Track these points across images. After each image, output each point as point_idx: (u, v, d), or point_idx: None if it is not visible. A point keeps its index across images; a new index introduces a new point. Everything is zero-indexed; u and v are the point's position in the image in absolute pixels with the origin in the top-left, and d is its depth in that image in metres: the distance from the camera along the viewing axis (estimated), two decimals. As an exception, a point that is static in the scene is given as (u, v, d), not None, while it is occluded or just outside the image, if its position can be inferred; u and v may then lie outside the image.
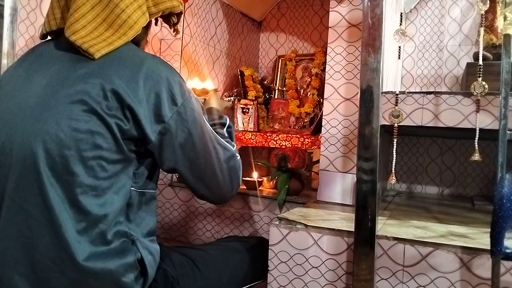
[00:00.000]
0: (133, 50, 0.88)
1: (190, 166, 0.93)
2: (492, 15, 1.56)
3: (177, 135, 0.87)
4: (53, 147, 0.78)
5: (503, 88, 0.92)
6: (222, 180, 0.98)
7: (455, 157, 1.91)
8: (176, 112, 0.86)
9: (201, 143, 0.92)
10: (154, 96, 0.83)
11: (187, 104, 0.89)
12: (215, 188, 0.98)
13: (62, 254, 0.77)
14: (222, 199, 1.04)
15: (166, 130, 0.86)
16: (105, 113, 0.79)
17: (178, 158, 0.90)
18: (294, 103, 2.18)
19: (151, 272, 0.89)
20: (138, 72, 0.83)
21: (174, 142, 0.88)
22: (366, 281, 1.00)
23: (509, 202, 0.76)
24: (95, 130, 0.79)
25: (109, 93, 0.80)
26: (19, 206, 0.78)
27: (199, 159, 0.93)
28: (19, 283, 0.78)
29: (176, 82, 0.87)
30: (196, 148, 0.91)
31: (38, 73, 0.85)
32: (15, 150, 0.80)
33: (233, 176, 1.01)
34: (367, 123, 1.01)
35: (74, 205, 0.78)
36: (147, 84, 0.83)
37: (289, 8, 2.40)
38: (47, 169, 0.78)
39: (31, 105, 0.82)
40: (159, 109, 0.84)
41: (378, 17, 1.01)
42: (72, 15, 0.83)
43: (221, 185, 0.99)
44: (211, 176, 0.96)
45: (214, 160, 0.96)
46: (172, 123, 0.86)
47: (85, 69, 0.82)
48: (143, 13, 0.89)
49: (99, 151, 0.79)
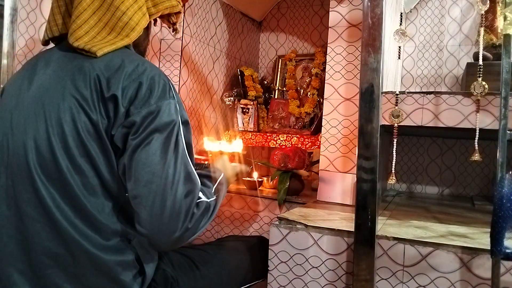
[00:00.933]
0: (128, 52, 0.88)
1: (138, 171, 0.79)
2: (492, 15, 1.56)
3: (138, 131, 0.80)
4: (43, 144, 0.79)
5: (503, 88, 0.92)
6: (166, 206, 0.79)
7: (455, 157, 1.91)
8: (147, 109, 0.80)
9: (160, 150, 0.80)
10: (133, 90, 0.81)
11: (163, 106, 0.82)
12: (154, 213, 0.79)
13: (60, 249, 0.78)
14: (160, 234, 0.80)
15: (130, 124, 0.80)
16: (92, 110, 0.80)
17: (131, 157, 0.80)
18: (294, 103, 2.18)
19: (149, 271, 0.89)
20: (125, 67, 0.82)
21: (133, 138, 0.80)
22: (366, 281, 1.00)
23: (509, 202, 0.76)
24: (82, 127, 0.79)
25: (93, 82, 0.80)
26: (15, 204, 0.80)
27: (149, 166, 0.79)
28: (17, 280, 0.79)
29: (159, 84, 0.83)
30: (152, 153, 0.79)
31: (39, 74, 0.87)
32: (11, 148, 0.82)
33: (181, 210, 0.81)
34: (367, 123, 1.01)
35: (68, 202, 0.79)
36: (129, 78, 0.81)
37: (289, 8, 2.40)
38: (37, 166, 0.79)
39: (25, 104, 0.83)
40: (132, 103, 0.80)
41: (378, 17, 1.01)
42: (75, 21, 0.84)
43: (162, 211, 0.79)
44: (154, 193, 0.79)
45: (168, 176, 0.80)
46: (137, 118, 0.79)
47: (76, 66, 0.83)
48: (144, 14, 0.90)
49: (86, 149, 0.80)
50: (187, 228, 0.82)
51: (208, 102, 2.00)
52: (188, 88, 1.85)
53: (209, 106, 2.00)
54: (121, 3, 0.85)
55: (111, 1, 0.85)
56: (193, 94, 1.89)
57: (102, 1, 0.85)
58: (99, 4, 0.85)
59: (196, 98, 1.91)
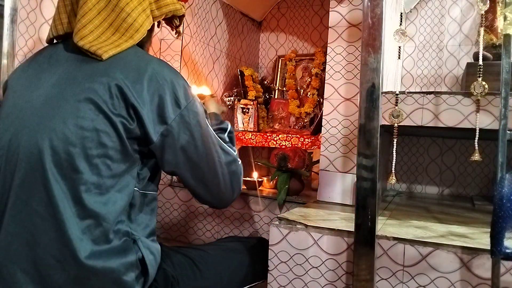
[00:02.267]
0: (139, 53, 0.90)
1: (191, 169, 0.93)
2: (492, 15, 1.56)
3: (179, 137, 0.88)
4: (59, 144, 0.79)
5: (503, 88, 0.92)
6: (223, 184, 0.99)
7: (455, 157, 1.91)
8: (179, 114, 0.87)
9: (203, 146, 0.92)
10: (158, 98, 0.84)
11: (191, 107, 0.90)
12: (216, 192, 0.99)
13: (64, 251, 0.78)
14: (223, 203, 1.05)
15: (168, 132, 0.87)
16: (111, 112, 0.81)
17: (179, 161, 0.91)
18: (294, 103, 2.18)
19: (152, 272, 0.90)
20: (143, 73, 0.84)
21: (176, 144, 0.88)
22: (366, 281, 1.00)
23: (509, 202, 0.76)
24: (101, 129, 0.80)
25: (115, 92, 0.81)
26: (24, 203, 0.79)
27: (201, 162, 0.93)
28: (21, 279, 0.79)
29: (180, 85, 0.88)
30: (198, 151, 0.92)
31: (47, 72, 0.87)
32: (22, 147, 0.81)
33: (234, 181, 1.02)
34: (367, 123, 1.01)
35: (78, 203, 0.79)
36: (151, 86, 0.84)
37: (289, 8, 2.40)
38: (52, 166, 0.79)
39: (38, 103, 0.83)
40: (162, 111, 0.85)
41: (378, 17, 1.01)
42: (80, 20, 0.85)
43: (222, 189, 0.99)
44: (212, 180, 0.97)
45: (217, 164, 0.96)
46: (174, 125, 0.87)
47: (91, 69, 0.84)
48: (147, 17, 0.91)
49: (104, 149, 0.81)
50: (240, 190, 1.06)
51: (208, 102, 2.00)
52: (188, 88, 1.84)
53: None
54: (126, 4, 0.86)
55: (116, 2, 0.86)
56: (193, 94, 1.88)
57: (108, 2, 0.86)
58: (104, 5, 0.86)
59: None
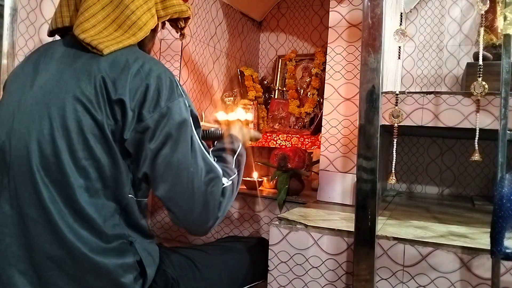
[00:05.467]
0: (133, 49, 0.88)
1: (162, 175, 0.83)
2: (492, 15, 1.56)
3: (154, 136, 0.81)
4: (47, 147, 0.79)
5: (503, 88, 0.92)
6: (195, 202, 0.84)
7: (455, 157, 1.91)
8: (158, 112, 0.81)
9: (179, 152, 0.83)
10: (140, 93, 0.81)
11: (173, 106, 0.83)
12: (186, 210, 0.85)
13: (59, 252, 0.78)
14: (196, 227, 0.87)
15: (143, 129, 0.81)
16: (97, 112, 0.79)
17: (152, 163, 0.82)
18: (294, 103, 2.18)
19: (150, 273, 0.89)
20: (129, 68, 0.82)
21: (150, 144, 0.81)
22: (366, 281, 1.00)
23: (509, 202, 0.76)
24: (88, 131, 0.79)
25: (99, 85, 0.79)
26: (17, 205, 0.79)
27: (172, 169, 0.82)
28: (19, 281, 0.79)
29: (166, 83, 0.84)
30: (172, 156, 0.82)
31: (41, 72, 0.86)
32: (13, 149, 0.81)
33: (210, 203, 0.86)
34: (367, 123, 1.01)
35: (69, 205, 0.79)
36: (136, 80, 0.81)
37: (289, 8, 2.40)
38: (40, 168, 0.78)
39: (28, 105, 0.83)
40: (142, 107, 0.81)
41: (378, 17, 1.01)
42: (82, 14, 0.84)
43: (193, 208, 0.84)
44: (182, 193, 0.84)
45: (191, 175, 0.84)
46: (151, 123, 0.80)
47: (82, 65, 0.82)
48: (152, 16, 0.90)
49: (92, 152, 0.79)
50: (217, 217, 0.88)
51: (208, 102, 2.00)
52: (188, 88, 1.84)
53: (209, 106, 2.00)
54: (131, 2, 0.85)
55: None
56: (193, 94, 1.89)
57: None
58: (108, 0, 0.85)
59: (196, 98, 1.91)
